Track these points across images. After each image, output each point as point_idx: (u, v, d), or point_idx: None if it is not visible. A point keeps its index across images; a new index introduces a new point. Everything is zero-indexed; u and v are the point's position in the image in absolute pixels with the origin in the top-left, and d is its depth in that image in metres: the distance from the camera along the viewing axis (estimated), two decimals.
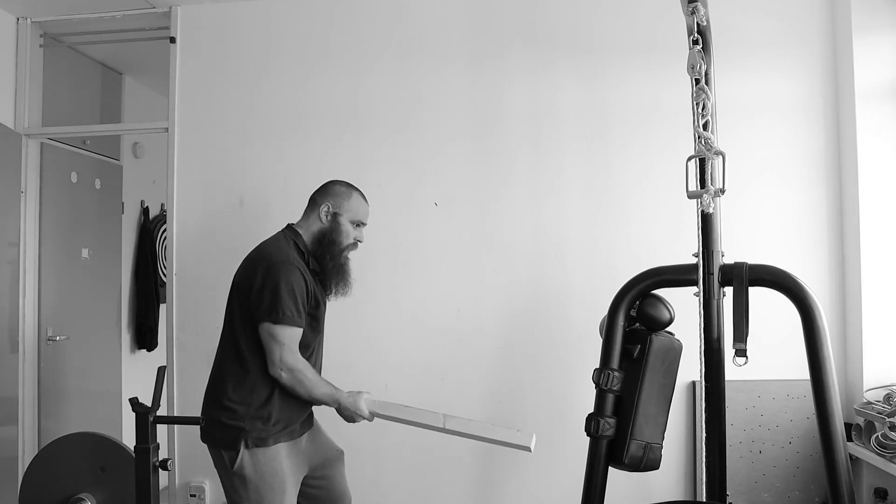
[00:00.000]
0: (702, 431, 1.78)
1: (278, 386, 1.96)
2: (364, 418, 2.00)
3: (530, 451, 1.93)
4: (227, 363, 2.01)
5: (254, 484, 1.93)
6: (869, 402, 2.41)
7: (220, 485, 2.03)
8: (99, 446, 1.92)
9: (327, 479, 2.17)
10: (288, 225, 2.14)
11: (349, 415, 2.00)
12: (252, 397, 1.96)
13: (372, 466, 2.82)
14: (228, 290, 2.09)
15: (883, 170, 2.53)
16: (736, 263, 1.84)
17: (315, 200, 2.14)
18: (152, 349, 4.22)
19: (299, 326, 1.95)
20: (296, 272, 1.95)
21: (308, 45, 2.96)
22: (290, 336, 1.93)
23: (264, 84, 2.99)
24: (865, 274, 2.51)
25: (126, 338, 4.09)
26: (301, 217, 2.16)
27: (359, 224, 2.15)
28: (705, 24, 1.78)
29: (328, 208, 2.10)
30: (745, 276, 1.81)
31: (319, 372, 2.15)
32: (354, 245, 2.15)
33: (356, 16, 2.94)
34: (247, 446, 1.93)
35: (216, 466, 2.00)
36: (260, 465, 1.93)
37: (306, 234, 2.10)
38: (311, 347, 2.06)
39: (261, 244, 2.09)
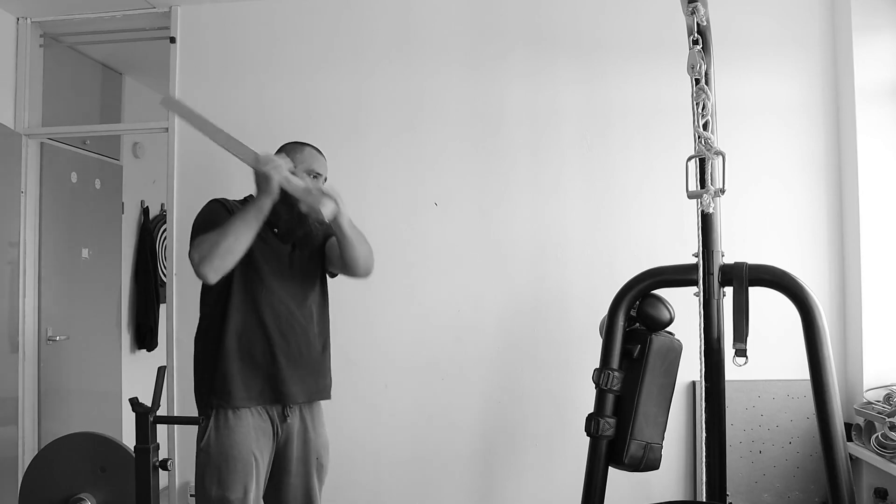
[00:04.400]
0: (702, 431, 1.78)
1: (235, 340, 1.93)
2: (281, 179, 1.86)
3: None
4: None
5: (215, 465, 1.86)
6: (869, 402, 2.41)
7: None
8: (99, 446, 1.92)
9: (281, 480, 2.01)
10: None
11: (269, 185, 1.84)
12: (208, 345, 1.96)
13: (371, 466, 2.82)
14: None
15: (883, 170, 2.53)
16: (736, 263, 1.84)
17: None
18: (152, 349, 4.22)
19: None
20: (211, 204, 2.00)
21: (309, 46, 2.96)
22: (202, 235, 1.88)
23: (264, 84, 2.99)
24: (865, 274, 2.51)
25: (126, 338, 4.09)
26: None
27: (315, 175, 2.08)
28: (705, 24, 1.78)
29: None
30: (745, 276, 1.81)
31: (302, 333, 2.02)
32: None
33: (358, 17, 2.94)
34: (211, 407, 1.89)
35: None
36: (224, 447, 1.87)
37: None
38: (260, 285, 1.96)
39: None
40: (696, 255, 1.84)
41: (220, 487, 1.86)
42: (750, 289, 1.81)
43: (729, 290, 1.85)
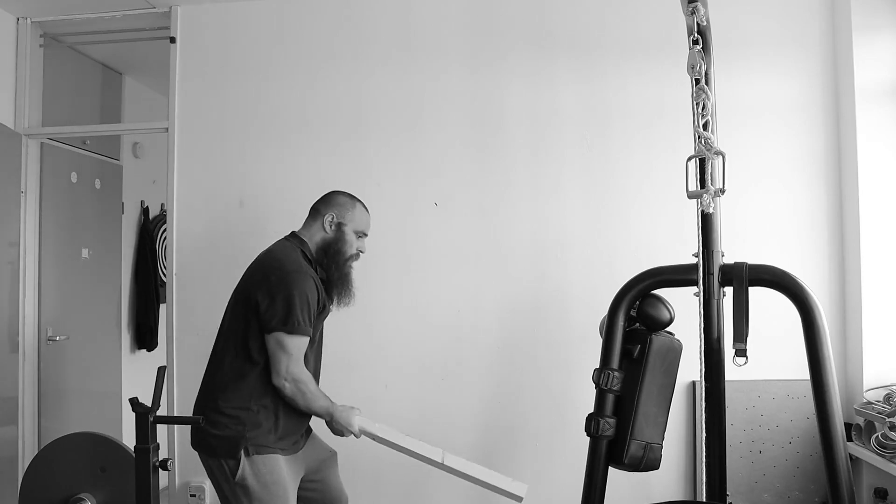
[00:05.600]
0: (702, 431, 1.78)
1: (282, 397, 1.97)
2: (352, 434, 2.03)
3: (521, 500, 1.98)
4: (229, 366, 1.98)
5: (257, 493, 1.92)
6: (869, 402, 2.41)
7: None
8: (99, 446, 1.91)
9: (323, 482, 2.17)
10: (292, 232, 2.14)
11: (339, 428, 2.01)
12: (252, 402, 1.95)
13: (371, 465, 2.81)
14: (229, 289, 2.09)
15: (883, 170, 2.53)
16: (736, 263, 1.84)
17: (318, 210, 2.14)
18: (152, 349, 4.22)
19: (308, 336, 1.96)
20: (309, 281, 1.96)
21: (309, 46, 2.96)
22: (298, 346, 1.93)
23: (265, 84, 2.99)
24: (865, 274, 2.51)
25: (126, 338, 4.09)
26: (303, 226, 2.15)
27: (361, 235, 2.16)
28: (705, 24, 1.78)
29: (332, 218, 2.09)
30: (745, 276, 1.81)
31: (318, 376, 2.15)
32: (357, 256, 2.15)
33: (358, 17, 2.94)
34: (247, 454, 1.92)
35: (212, 476, 1.98)
36: (261, 473, 1.93)
37: (311, 244, 2.09)
38: (309, 354, 2.05)
39: (270, 250, 2.08)
40: (696, 255, 1.84)
41: None
42: (750, 289, 1.82)
43: (729, 290, 1.85)
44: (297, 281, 1.93)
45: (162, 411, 1.94)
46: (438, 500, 2.79)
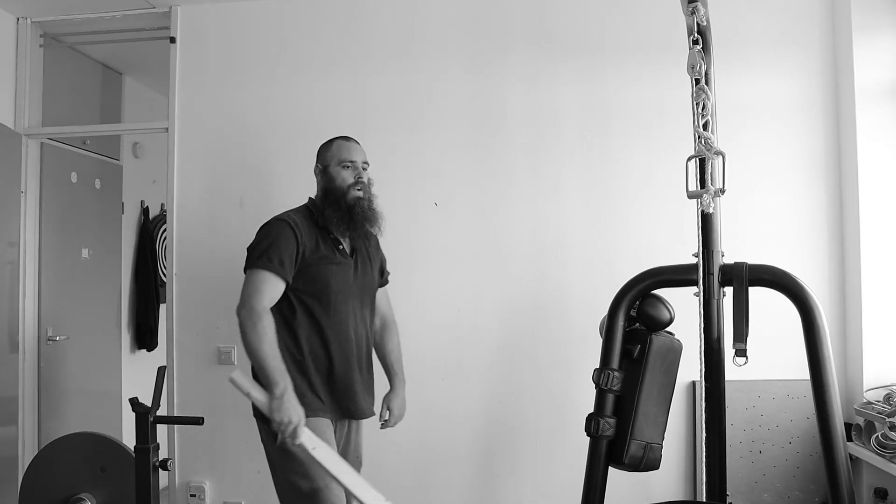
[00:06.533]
0: (702, 431, 1.78)
1: (327, 361, 2.02)
2: (287, 432, 1.83)
3: None
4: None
5: (299, 460, 1.93)
6: (869, 402, 2.41)
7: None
8: (99, 446, 1.92)
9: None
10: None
11: (277, 418, 1.82)
12: (284, 356, 1.95)
13: (372, 462, 2.81)
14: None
15: (883, 169, 2.53)
16: (736, 263, 1.84)
17: (314, 174, 2.25)
18: (152, 349, 4.22)
19: (273, 273, 1.95)
20: (281, 225, 2.03)
21: (310, 46, 2.96)
22: (259, 280, 1.95)
23: (265, 84, 2.99)
24: (865, 274, 2.51)
25: (126, 338, 4.09)
26: None
27: (347, 164, 2.14)
28: (705, 24, 1.78)
29: (318, 168, 2.21)
30: (745, 276, 1.81)
31: (331, 353, 2.05)
32: (357, 184, 2.13)
33: (359, 18, 2.94)
34: None
35: (262, 438, 2.03)
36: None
37: (316, 198, 2.19)
38: (328, 305, 2.03)
39: None
40: (696, 255, 1.84)
41: (309, 480, 1.94)
42: (750, 289, 1.82)
43: (729, 290, 1.85)
44: (266, 227, 2.04)
45: (162, 411, 1.95)
46: (440, 492, 2.79)
